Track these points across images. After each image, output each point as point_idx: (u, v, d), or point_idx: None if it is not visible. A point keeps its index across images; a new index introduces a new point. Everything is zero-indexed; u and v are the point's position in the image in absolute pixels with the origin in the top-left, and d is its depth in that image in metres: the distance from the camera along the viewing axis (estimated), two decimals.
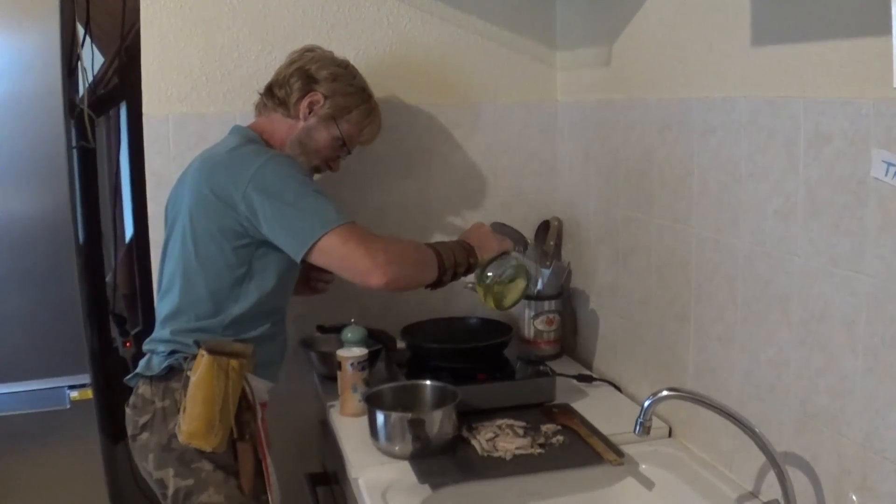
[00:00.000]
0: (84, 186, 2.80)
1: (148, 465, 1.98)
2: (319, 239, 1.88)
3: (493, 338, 2.35)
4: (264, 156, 1.98)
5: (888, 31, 1.29)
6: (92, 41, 2.82)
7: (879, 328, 1.38)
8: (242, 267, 1.99)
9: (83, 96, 2.73)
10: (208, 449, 1.89)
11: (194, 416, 1.88)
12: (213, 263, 1.99)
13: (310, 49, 2.20)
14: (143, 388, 2.01)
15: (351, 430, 2.07)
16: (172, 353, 1.98)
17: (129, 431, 2.03)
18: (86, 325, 2.60)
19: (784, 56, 1.58)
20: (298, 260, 1.92)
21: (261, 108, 2.21)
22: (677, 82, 1.96)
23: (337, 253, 1.90)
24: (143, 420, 1.98)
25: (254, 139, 2.11)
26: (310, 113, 2.12)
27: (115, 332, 2.90)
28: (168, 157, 2.39)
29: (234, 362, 1.91)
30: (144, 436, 1.98)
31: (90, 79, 2.79)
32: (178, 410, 1.92)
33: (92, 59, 2.81)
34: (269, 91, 2.17)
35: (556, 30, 2.63)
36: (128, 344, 2.86)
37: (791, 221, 1.57)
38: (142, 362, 2.04)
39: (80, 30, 2.77)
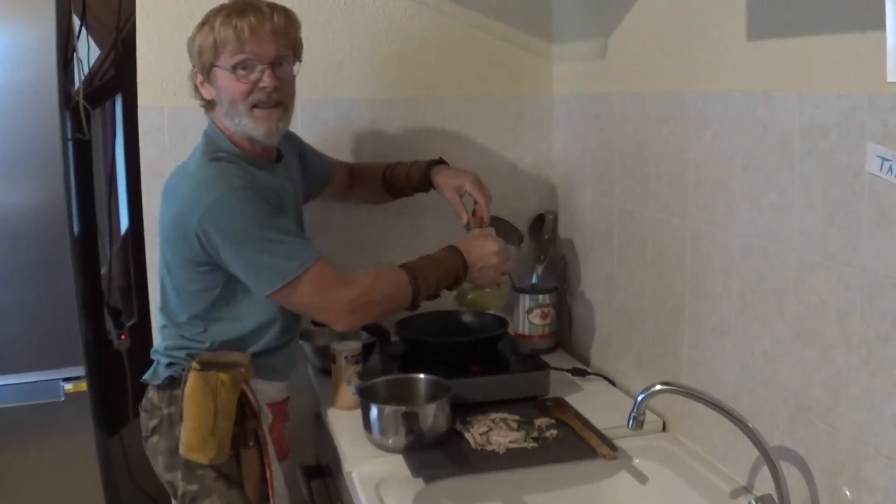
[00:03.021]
0: (79, 179, 2.80)
1: (158, 467, 2.01)
2: (279, 289, 1.86)
3: (487, 331, 2.35)
4: (220, 188, 1.85)
5: (882, 26, 1.28)
6: (88, 32, 2.82)
7: (873, 322, 1.38)
8: (217, 289, 1.95)
9: (79, 88, 2.73)
10: (205, 461, 1.88)
11: (188, 430, 1.87)
12: (187, 289, 1.97)
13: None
14: (151, 394, 2.03)
15: (345, 423, 2.07)
16: (171, 364, 1.99)
17: (142, 433, 2.05)
18: (80, 317, 2.60)
19: (779, 50, 1.58)
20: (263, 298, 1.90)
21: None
22: (673, 75, 1.95)
23: (298, 301, 1.89)
24: (152, 424, 2.00)
25: (220, 146, 1.96)
26: (203, 85, 1.97)
27: (109, 324, 2.90)
28: (163, 148, 2.39)
29: (223, 376, 1.86)
30: (154, 438, 2.00)
31: (86, 70, 2.79)
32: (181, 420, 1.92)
33: (88, 51, 2.81)
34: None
35: (553, 22, 2.63)
36: (122, 336, 2.86)
37: (786, 215, 1.57)
38: (151, 369, 2.04)
39: (76, 21, 2.77)
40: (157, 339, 2.10)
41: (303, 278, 1.84)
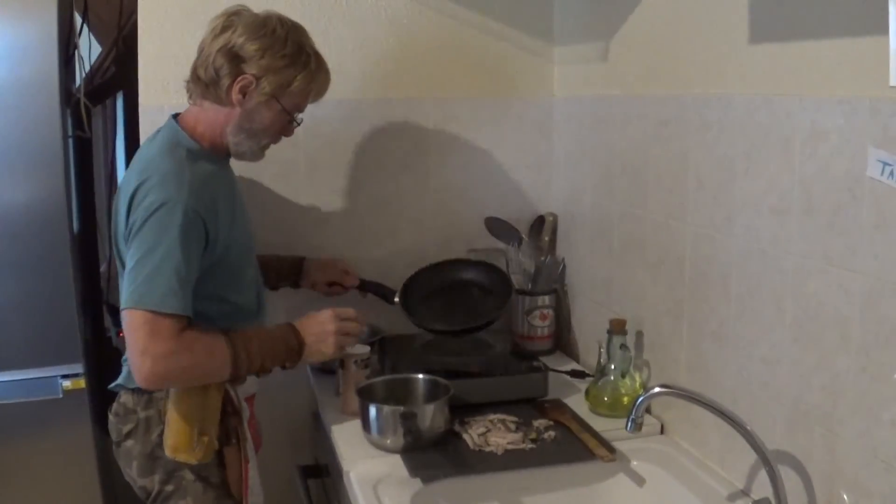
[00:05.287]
0: (79, 176, 2.79)
1: (132, 472, 1.94)
2: (127, 308, 1.73)
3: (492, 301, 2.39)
4: (164, 191, 1.77)
5: (885, 30, 1.29)
6: (89, 30, 2.81)
7: (872, 327, 1.38)
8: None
9: (80, 86, 2.72)
10: (193, 461, 1.86)
11: (176, 431, 1.84)
12: None
13: (234, 12, 1.91)
14: (125, 398, 1.96)
15: (343, 423, 2.07)
16: None
17: (114, 438, 1.99)
18: (79, 314, 2.59)
19: (781, 53, 1.58)
20: None
21: (191, 92, 1.95)
22: (674, 78, 1.96)
23: (126, 329, 1.74)
24: (126, 428, 1.94)
25: (180, 142, 1.90)
26: (244, 97, 1.87)
27: (108, 321, 2.90)
28: None
29: None
30: (129, 443, 1.94)
31: (87, 68, 2.79)
32: (162, 421, 1.89)
33: (89, 49, 2.81)
34: (195, 73, 1.91)
35: (554, 24, 2.63)
36: (121, 334, 2.85)
37: (786, 219, 1.57)
38: (123, 373, 1.97)
39: (78, 18, 2.76)
40: None
41: (149, 316, 1.71)
